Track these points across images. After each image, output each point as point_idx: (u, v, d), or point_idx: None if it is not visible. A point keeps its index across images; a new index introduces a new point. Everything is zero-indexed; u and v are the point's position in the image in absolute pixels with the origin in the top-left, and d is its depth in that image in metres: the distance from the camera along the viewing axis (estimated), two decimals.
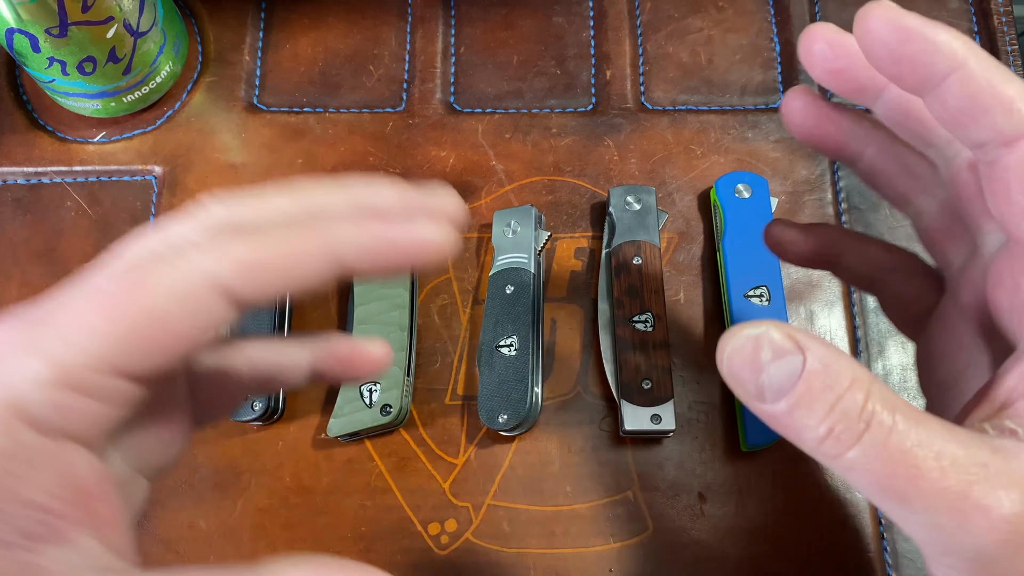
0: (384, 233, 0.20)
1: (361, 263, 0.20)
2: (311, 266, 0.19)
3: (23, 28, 0.37)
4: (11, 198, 0.43)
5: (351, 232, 0.19)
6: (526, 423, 0.37)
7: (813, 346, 0.19)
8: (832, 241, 0.29)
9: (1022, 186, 0.21)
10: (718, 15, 0.46)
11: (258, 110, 0.44)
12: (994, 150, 0.21)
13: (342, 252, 0.19)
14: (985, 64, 0.21)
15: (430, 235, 0.20)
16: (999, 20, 0.45)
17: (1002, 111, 0.20)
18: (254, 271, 0.18)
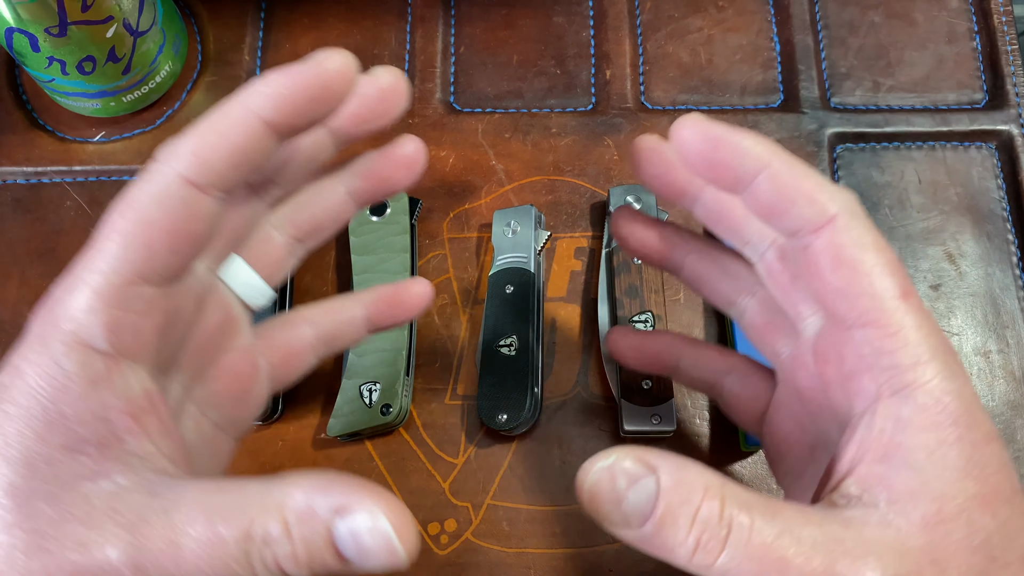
0: (284, 78, 0.22)
1: (284, 116, 0.22)
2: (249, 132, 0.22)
3: (23, 27, 0.37)
4: (11, 198, 0.43)
5: (258, 88, 0.22)
6: (526, 423, 0.37)
7: (663, 464, 0.20)
8: (669, 349, 0.31)
9: (832, 266, 0.23)
10: (718, 15, 0.46)
11: None
12: (804, 237, 0.23)
13: (259, 109, 0.22)
14: (787, 162, 0.23)
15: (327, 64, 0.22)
16: (999, 20, 0.45)
17: (806, 202, 0.23)
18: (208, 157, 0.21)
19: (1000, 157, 0.43)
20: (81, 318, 0.20)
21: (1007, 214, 0.42)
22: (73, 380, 0.20)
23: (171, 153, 0.22)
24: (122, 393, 0.21)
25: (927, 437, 0.21)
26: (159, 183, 0.21)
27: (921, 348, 0.22)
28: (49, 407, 0.20)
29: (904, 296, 0.22)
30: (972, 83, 0.44)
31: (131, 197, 0.21)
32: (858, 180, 0.43)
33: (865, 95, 0.44)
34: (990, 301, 0.40)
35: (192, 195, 0.22)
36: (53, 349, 0.20)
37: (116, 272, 0.21)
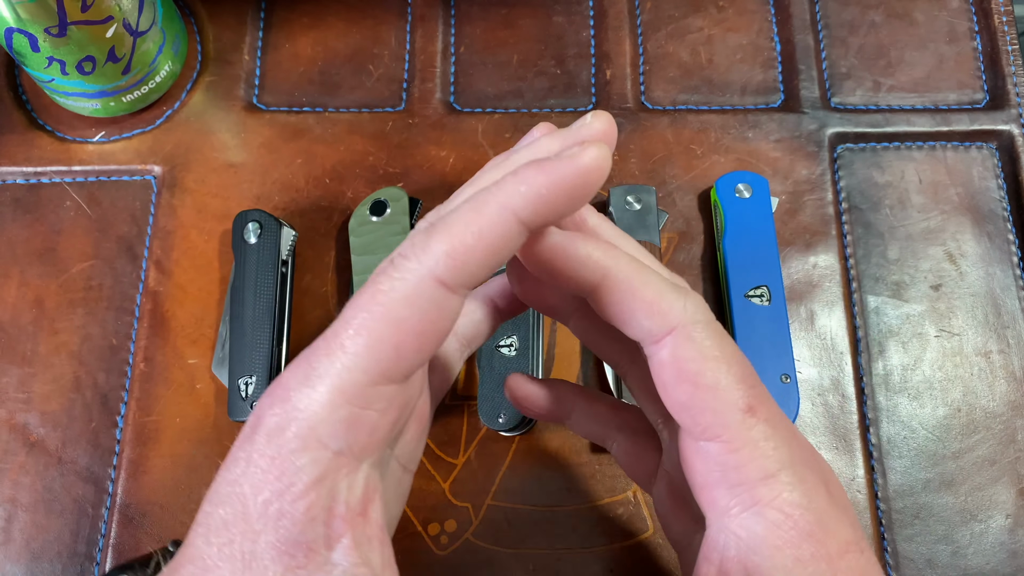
0: (542, 176, 0.20)
1: (539, 214, 0.20)
2: (505, 233, 0.20)
3: (22, 27, 0.37)
4: (10, 198, 0.43)
5: (515, 186, 0.20)
6: (526, 423, 0.37)
7: None
8: (563, 398, 0.31)
9: (674, 380, 0.22)
10: (718, 15, 0.46)
11: (257, 110, 0.44)
12: (647, 347, 0.23)
13: (517, 209, 0.20)
14: (627, 269, 0.22)
15: (590, 159, 0.20)
16: (999, 19, 0.45)
17: (645, 313, 0.22)
18: (463, 259, 0.20)
19: (1001, 157, 0.43)
20: (319, 414, 0.20)
21: (1008, 214, 0.42)
22: (300, 478, 0.19)
23: (425, 251, 0.20)
24: (344, 496, 0.20)
25: (782, 556, 0.21)
26: (411, 283, 0.20)
27: (768, 461, 0.21)
28: (272, 504, 0.19)
29: (750, 409, 0.22)
30: (973, 83, 0.44)
31: (380, 293, 0.20)
32: (858, 180, 0.42)
33: (866, 95, 0.44)
34: (991, 301, 0.40)
35: (444, 297, 0.20)
36: (286, 444, 0.20)
37: (362, 371, 0.20)
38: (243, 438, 0.21)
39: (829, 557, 0.21)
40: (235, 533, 0.19)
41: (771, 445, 0.22)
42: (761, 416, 0.22)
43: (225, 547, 0.19)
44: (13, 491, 0.38)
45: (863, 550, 0.22)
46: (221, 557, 0.19)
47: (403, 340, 0.20)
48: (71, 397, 0.39)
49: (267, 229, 0.39)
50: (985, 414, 0.38)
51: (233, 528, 0.19)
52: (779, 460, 0.22)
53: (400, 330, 0.20)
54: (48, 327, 0.40)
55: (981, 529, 0.37)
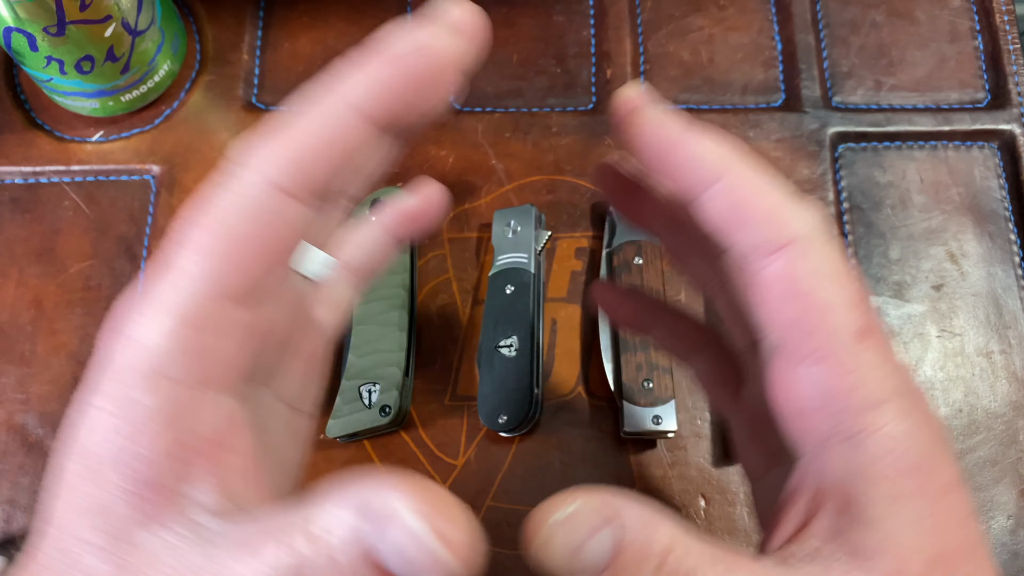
0: (382, 65, 0.19)
1: (384, 107, 0.19)
2: (348, 134, 0.19)
3: (21, 27, 0.36)
4: (9, 198, 0.42)
5: (354, 78, 0.19)
6: (526, 424, 0.37)
7: (627, 511, 0.18)
8: (646, 311, 0.30)
9: (784, 297, 0.21)
10: (719, 14, 0.46)
11: (257, 109, 0.44)
12: (755, 260, 0.21)
13: (358, 102, 0.19)
14: (747, 173, 0.21)
15: (426, 44, 0.19)
16: (1001, 19, 0.45)
17: (763, 221, 0.21)
18: (302, 160, 0.19)
19: (1002, 157, 0.43)
20: (158, 344, 0.18)
21: (1009, 214, 0.42)
22: (146, 415, 0.18)
23: (256, 154, 0.19)
24: (194, 427, 0.18)
25: (883, 489, 0.20)
26: (245, 191, 0.19)
27: (876, 390, 0.20)
28: (117, 445, 0.18)
29: (861, 334, 0.20)
30: (974, 82, 0.44)
31: (211, 205, 0.19)
32: (860, 180, 0.42)
33: (867, 94, 0.44)
34: (992, 301, 0.40)
35: (284, 204, 0.19)
36: (127, 382, 0.18)
37: (198, 292, 0.18)
38: (87, 381, 0.19)
39: (934, 493, 0.20)
40: (81, 482, 0.18)
41: (881, 372, 0.20)
42: (873, 341, 0.20)
43: (74, 498, 0.18)
44: (11, 492, 0.37)
45: (965, 494, 0.21)
46: (73, 510, 0.18)
47: (242, 255, 0.19)
48: (70, 398, 0.39)
49: None
50: (987, 414, 0.38)
51: (78, 477, 0.18)
52: (888, 389, 0.20)
53: (237, 244, 0.18)
54: (47, 327, 0.40)
55: (983, 530, 0.37)
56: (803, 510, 0.21)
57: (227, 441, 0.19)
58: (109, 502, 0.18)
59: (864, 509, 0.20)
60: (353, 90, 0.19)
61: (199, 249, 0.18)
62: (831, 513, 0.20)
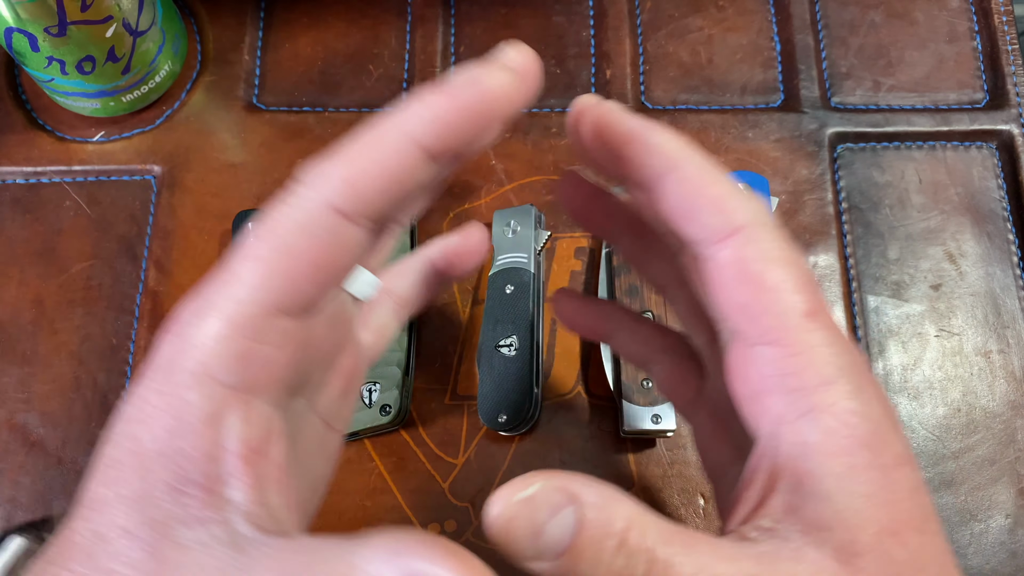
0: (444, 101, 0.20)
1: (442, 141, 0.20)
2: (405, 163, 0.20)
3: (22, 27, 0.37)
4: (10, 198, 0.43)
5: (416, 112, 0.20)
6: (526, 423, 0.37)
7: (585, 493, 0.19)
8: (608, 318, 0.30)
9: (735, 281, 0.21)
10: (718, 14, 0.46)
11: (257, 109, 0.44)
12: (707, 247, 0.22)
13: (418, 135, 0.20)
14: (698, 165, 0.22)
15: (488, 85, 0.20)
16: (999, 19, 0.45)
17: (712, 210, 0.21)
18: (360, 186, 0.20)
19: (1001, 157, 0.43)
20: (211, 348, 0.19)
21: (1007, 214, 0.42)
22: (194, 414, 0.19)
23: (319, 177, 0.20)
24: (240, 433, 0.19)
25: (836, 463, 0.20)
26: (305, 210, 0.20)
27: (827, 368, 0.21)
28: (165, 442, 0.19)
29: (811, 314, 0.21)
30: (973, 83, 0.44)
31: (273, 222, 0.20)
32: (858, 180, 0.42)
33: (866, 95, 0.44)
34: (991, 301, 0.40)
35: (341, 225, 0.20)
36: (178, 379, 0.19)
37: (253, 301, 0.19)
38: (139, 376, 0.20)
39: (884, 467, 0.20)
40: (127, 473, 0.19)
41: (831, 351, 0.21)
42: (821, 321, 0.21)
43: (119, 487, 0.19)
44: (13, 491, 0.37)
45: (914, 466, 0.21)
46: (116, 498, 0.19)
47: (297, 270, 0.20)
48: (71, 397, 0.39)
49: None
50: (985, 414, 0.38)
51: (126, 468, 0.19)
52: (839, 367, 0.21)
53: (294, 259, 0.19)
54: (48, 327, 0.40)
55: (981, 529, 0.37)
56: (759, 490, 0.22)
57: (266, 449, 0.20)
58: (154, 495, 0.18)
59: (817, 484, 0.20)
60: (413, 122, 0.20)
61: (258, 261, 0.19)
62: (785, 490, 0.21)
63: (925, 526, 0.21)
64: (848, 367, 0.21)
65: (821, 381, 0.21)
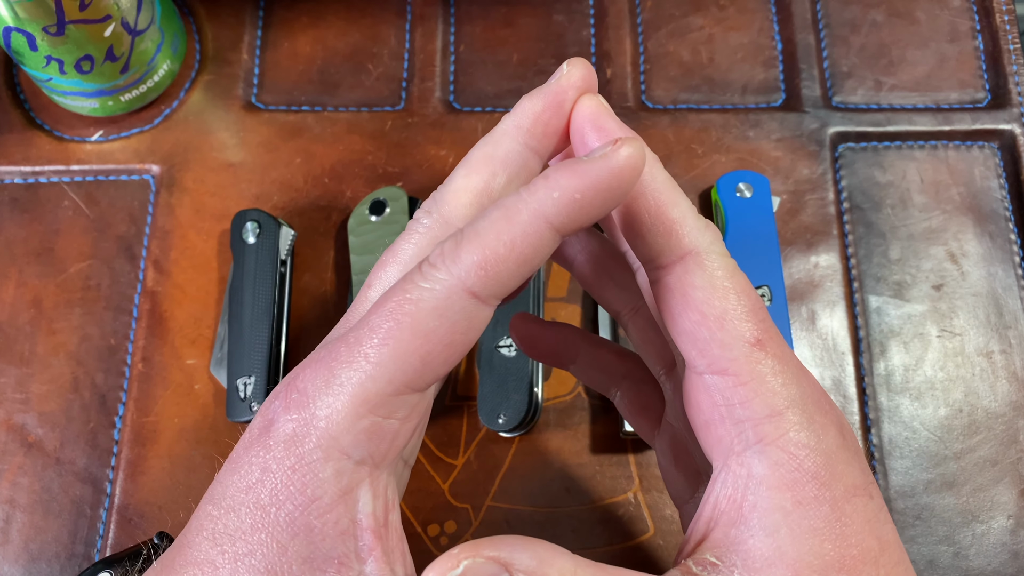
0: (576, 180, 0.19)
1: (573, 219, 0.20)
2: (537, 244, 0.20)
3: (20, 26, 0.36)
4: (8, 198, 0.42)
5: (548, 193, 0.19)
6: (526, 424, 0.37)
7: (518, 558, 0.19)
8: (568, 341, 0.30)
9: (681, 307, 0.21)
10: (719, 13, 0.46)
11: (256, 109, 0.44)
12: (657, 271, 0.22)
13: (551, 216, 0.19)
14: (660, 183, 0.22)
15: (624, 158, 0.19)
16: (1001, 19, 0.45)
17: (664, 232, 0.21)
18: (493, 271, 0.19)
19: (1002, 157, 0.43)
20: (343, 425, 0.19)
21: (1009, 214, 0.42)
22: (326, 490, 0.19)
23: (455, 261, 0.20)
24: (369, 508, 0.20)
25: (782, 497, 0.20)
26: (442, 294, 0.19)
27: (775, 398, 0.20)
28: (297, 517, 0.19)
29: (759, 343, 0.21)
30: (974, 82, 0.44)
31: (407, 302, 0.19)
32: (860, 179, 0.42)
33: (867, 94, 0.44)
34: (992, 301, 0.40)
35: (474, 308, 0.20)
36: (308, 454, 0.19)
37: (387, 381, 0.19)
38: (253, 442, 0.20)
39: (834, 500, 0.20)
40: (255, 544, 0.19)
41: (779, 381, 0.21)
42: (770, 351, 0.21)
43: (243, 557, 0.19)
44: (11, 492, 0.37)
45: (872, 496, 0.21)
46: (239, 567, 0.19)
47: (430, 351, 0.20)
48: (69, 397, 0.39)
49: (266, 229, 0.39)
50: (987, 414, 0.38)
51: (252, 538, 0.19)
52: (787, 397, 0.21)
53: (428, 341, 0.19)
54: (46, 327, 0.40)
55: (983, 530, 0.37)
56: (706, 521, 0.21)
57: (390, 519, 0.20)
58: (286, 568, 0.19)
59: (762, 519, 0.20)
60: (547, 205, 0.19)
61: (392, 342, 0.19)
62: (728, 526, 0.21)
63: (881, 558, 0.20)
64: (798, 397, 0.21)
65: (769, 412, 0.21)
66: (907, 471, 0.38)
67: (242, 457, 0.20)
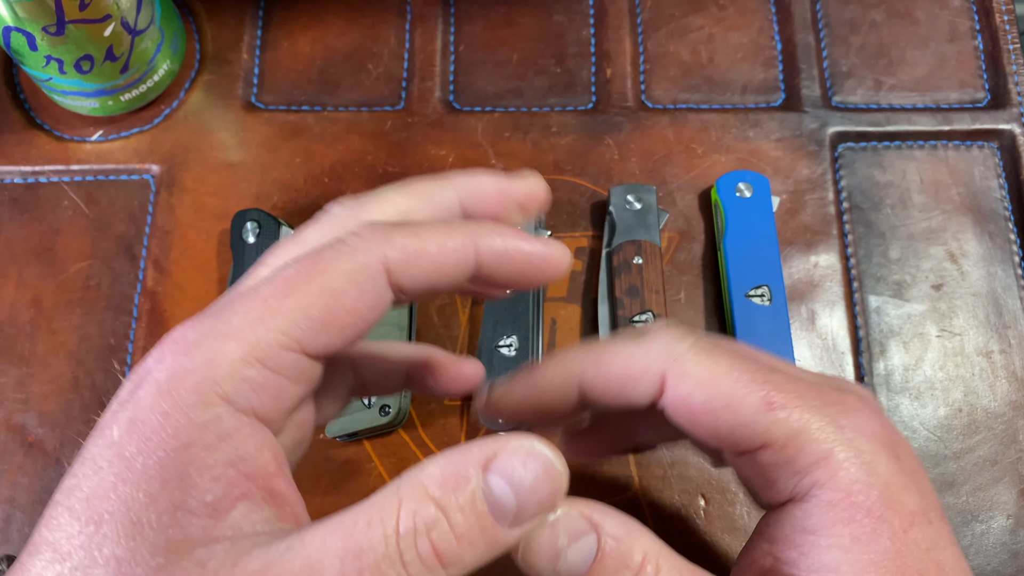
0: (521, 244, 0.21)
1: (495, 267, 0.21)
2: (459, 262, 0.20)
3: (20, 26, 0.36)
4: (8, 197, 0.42)
5: (495, 237, 0.21)
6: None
7: (607, 523, 0.19)
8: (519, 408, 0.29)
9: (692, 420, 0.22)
10: (719, 13, 0.46)
11: (256, 108, 0.44)
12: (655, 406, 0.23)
13: (484, 253, 0.21)
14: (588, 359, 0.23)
15: (557, 254, 0.22)
16: (1001, 18, 0.45)
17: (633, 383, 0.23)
18: (415, 259, 0.20)
19: (1002, 156, 0.43)
20: (228, 369, 0.18)
21: (1009, 214, 0.42)
22: (202, 435, 0.18)
23: (385, 236, 0.20)
24: (251, 453, 0.18)
25: (840, 534, 0.20)
26: (360, 260, 0.19)
27: (817, 444, 0.21)
28: (168, 464, 0.17)
29: (771, 404, 0.21)
30: (974, 82, 0.44)
31: (323, 260, 0.19)
32: (860, 179, 0.42)
33: (867, 94, 0.44)
34: (992, 301, 0.40)
35: (383, 288, 0.20)
36: (185, 398, 0.18)
37: (282, 331, 0.19)
38: (122, 403, 0.19)
39: (892, 532, 0.20)
40: (118, 500, 0.17)
41: (814, 426, 0.21)
42: (790, 404, 0.21)
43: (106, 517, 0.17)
44: (11, 492, 0.37)
45: (931, 520, 0.21)
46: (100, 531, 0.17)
47: (333, 312, 0.19)
48: (69, 397, 0.39)
49: (266, 228, 0.39)
50: (986, 414, 0.38)
51: (114, 494, 0.17)
52: (827, 438, 0.21)
53: (333, 300, 0.19)
54: (46, 327, 0.40)
55: (982, 530, 0.37)
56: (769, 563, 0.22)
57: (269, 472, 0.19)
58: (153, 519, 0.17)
59: (822, 556, 0.20)
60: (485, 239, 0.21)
61: (297, 293, 0.19)
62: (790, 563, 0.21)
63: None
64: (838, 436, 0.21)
65: (816, 459, 0.21)
66: None
67: (107, 419, 0.19)
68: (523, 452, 0.18)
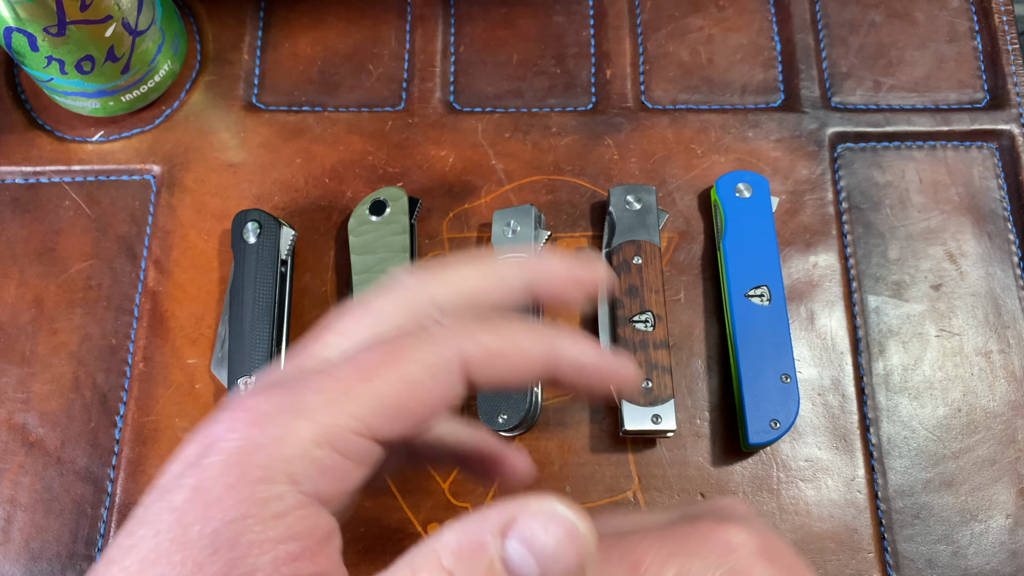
0: (596, 358, 0.22)
1: (566, 374, 0.21)
2: (533, 365, 0.21)
3: (21, 27, 0.37)
4: (9, 198, 0.42)
5: (572, 348, 0.21)
6: (526, 423, 0.37)
7: None
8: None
9: None
10: (719, 14, 0.46)
11: (257, 109, 0.44)
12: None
13: (560, 362, 0.21)
14: None
15: (628, 371, 0.22)
16: (1000, 19, 0.45)
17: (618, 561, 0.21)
18: (494, 359, 0.20)
19: (1001, 157, 0.43)
20: (298, 450, 0.18)
21: (1008, 214, 0.42)
22: (261, 510, 0.18)
23: (469, 333, 0.20)
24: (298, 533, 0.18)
25: None
26: (441, 354, 0.19)
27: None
28: (221, 533, 0.17)
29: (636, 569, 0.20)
30: (973, 83, 0.44)
31: (406, 348, 0.19)
32: (859, 180, 0.42)
33: (866, 94, 0.44)
34: (991, 301, 0.40)
35: (457, 384, 0.20)
36: (253, 473, 0.18)
37: (357, 419, 0.18)
38: (188, 466, 0.19)
39: None
40: (169, 566, 0.17)
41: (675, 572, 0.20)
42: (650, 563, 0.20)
43: None
44: (12, 491, 0.37)
45: None
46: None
47: (407, 403, 0.19)
48: (70, 397, 0.39)
49: (266, 229, 0.39)
50: (985, 414, 0.38)
51: (167, 560, 0.17)
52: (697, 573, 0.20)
53: (409, 392, 0.19)
54: (47, 327, 0.40)
55: (981, 529, 0.37)
56: None
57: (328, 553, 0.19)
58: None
59: None
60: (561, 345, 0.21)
61: (376, 380, 0.19)
62: None
63: None
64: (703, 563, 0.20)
65: None
66: (906, 470, 0.38)
67: (169, 481, 0.19)
68: (543, 515, 0.17)
